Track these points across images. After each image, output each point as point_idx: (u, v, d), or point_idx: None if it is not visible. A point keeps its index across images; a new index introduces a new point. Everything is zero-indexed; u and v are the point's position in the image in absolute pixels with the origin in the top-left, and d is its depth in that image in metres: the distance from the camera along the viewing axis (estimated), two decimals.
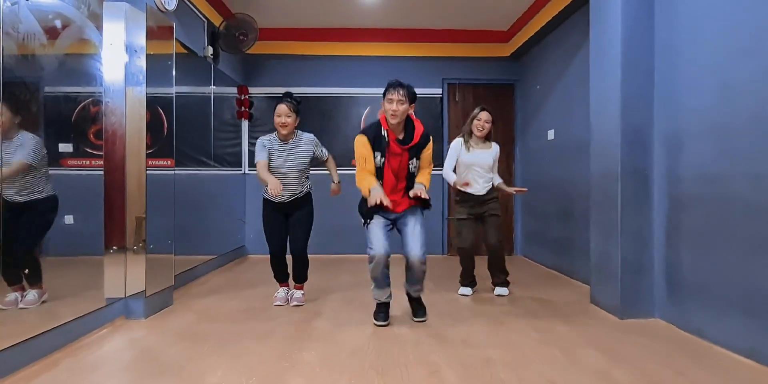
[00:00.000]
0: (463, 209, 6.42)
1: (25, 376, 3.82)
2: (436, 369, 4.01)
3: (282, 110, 5.64)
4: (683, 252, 5.04)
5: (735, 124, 4.36)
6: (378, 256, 4.95)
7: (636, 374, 3.89)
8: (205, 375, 3.87)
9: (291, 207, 5.88)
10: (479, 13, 9.12)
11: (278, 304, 5.94)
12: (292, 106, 5.70)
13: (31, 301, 4.36)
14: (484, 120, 6.28)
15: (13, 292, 4.06)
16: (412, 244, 5.08)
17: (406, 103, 4.88)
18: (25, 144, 4.24)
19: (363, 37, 10.17)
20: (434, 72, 10.26)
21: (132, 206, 5.30)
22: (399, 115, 4.86)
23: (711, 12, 4.69)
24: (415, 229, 5.12)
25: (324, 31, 10.09)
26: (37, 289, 4.36)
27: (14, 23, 3.87)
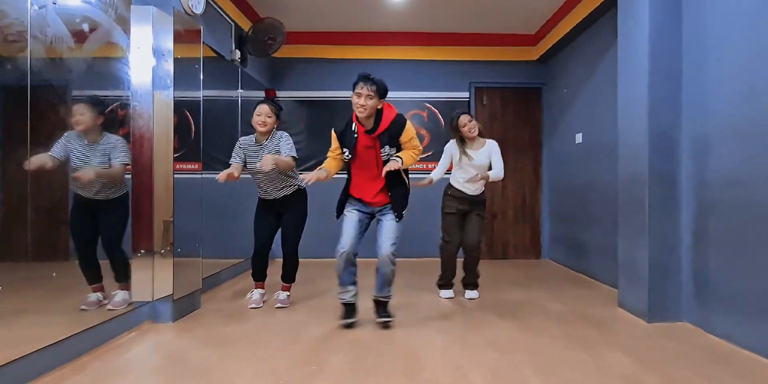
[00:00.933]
0: (451, 204, 6.42)
1: (52, 380, 3.84)
2: (463, 373, 3.98)
3: (263, 110, 5.71)
4: (711, 256, 5.00)
5: (762, 127, 4.32)
6: (345, 252, 4.97)
7: (665, 380, 3.84)
8: (233, 379, 3.87)
9: (282, 205, 5.92)
10: (506, 16, 9.08)
11: (253, 306, 5.96)
12: (275, 108, 5.78)
13: (119, 302, 4.45)
14: (468, 121, 6.26)
15: (93, 292, 4.11)
16: (383, 240, 5.06)
17: (375, 98, 4.82)
18: (117, 146, 4.36)
19: (390, 40, 10.17)
20: (461, 76, 10.22)
21: (159, 209, 5.31)
22: (367, 109, 4.82)
23: (737, 16, 4.66)
24: (390, 226, 5.09)
25: (351, 34, 10.11)
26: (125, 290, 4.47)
27: (42, 27, 3.89)
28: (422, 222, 8.52)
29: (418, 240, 8.92)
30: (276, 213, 5.96)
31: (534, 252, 10.32)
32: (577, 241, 8.68)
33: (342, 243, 5.00)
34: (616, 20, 6.25)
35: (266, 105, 5.73)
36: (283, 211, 5.95)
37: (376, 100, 4.82)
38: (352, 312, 5.21)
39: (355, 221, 5.09)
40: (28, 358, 3.75)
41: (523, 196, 10.30)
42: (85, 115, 4.05)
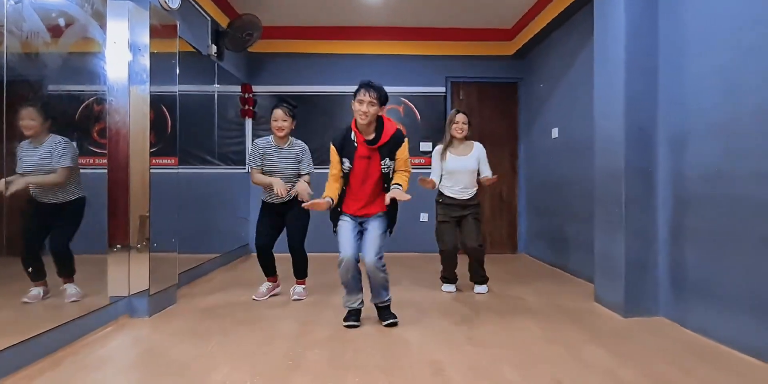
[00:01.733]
0: (444, 212, 6.44)
1: (29, 374, 3.82)
2: (440, 368, 4.00)
3: (278, 115, 5.79)
4: (688, 250, 5.04)
5: (740, 123, 4.36)
6: (346, 259, 4.91)
7: (642, 373, 3.88)
8: (210, 373, 3.86)
9: (286, 207, 5.98)
10: (483, 11, 9.11)
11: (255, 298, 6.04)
12: (288, 110, 5.83)
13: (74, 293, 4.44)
14: (462, 122, 6.31)
15: (36, 287, 4.09)
16: (367, 249, 4.97)
17: (376, 106, 4.81)
18: (57, 150, 4.30)
19: (366, 35, 10.17)
20: (438, 70, 10.26)
21: (136, 205, 5.31)
22: (369, 116, 4.79)
23: (716, 11, 4.68)
24: (374, 234, 5.02)
25: (327, 29, 10.09)
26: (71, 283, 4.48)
27: (18, 21, 3.87)
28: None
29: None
30: (280, 213, 6.03)
31: (510, 246, 10.37)
32: (553, 235, 8.74)
33: (342, 252, 4.94)
34: (592, 15, 6.27)
35: (280, 109, 5.83)
36: (286, 211, 6.01)
37: (377, 107, 4.81)
38: (358, 316, 5.17)
39: (350, 229, 5.03)
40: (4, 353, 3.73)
41: (500, 190, 10.33)
42: (34, 120, 4.02)
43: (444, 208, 6.44)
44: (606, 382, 3.73)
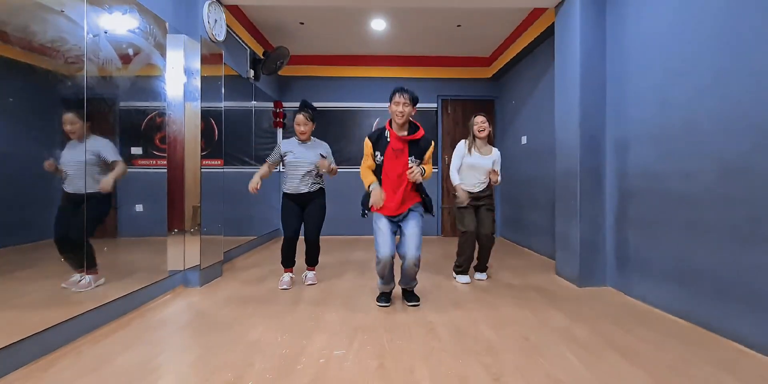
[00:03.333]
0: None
1: (103, 333, 3.87)
2: (432, 327, 4.04)
3: (300, 120, 5.52)
4: (629, 233, 5.07)
5: (671, 131, 4.41)
6: (385, 259, 4.61)
7: (592, 331, 3.92)
8: (248, 331, 3.91)
9: (306, 199, 5.66)
10: (466, 43, 9.13)
11: (284, 287, 5.56)
12: (309, 114, 5.58)
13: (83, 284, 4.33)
14: (481, 122, 6.00)
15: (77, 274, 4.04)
16: (409, 246, 4.60)
17: (410, 106, 4.65)
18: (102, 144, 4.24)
19: (373, 62, 10.21)
20: (431, 90, 10.26)
21: (189, 197, 5.34)
22: (405, 115, 4.62)
23: (651, 43, 4.71)
24: (414, 231, 4.65)
25: (342, 57, 10.14)
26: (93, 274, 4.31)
27: (95, 51, 3.90)
28: None
29: None
30: (300, 206, 5.72)
31: None
32: (523, 222, 8.73)
33: (382, 251, 4.60)
34: (553, 46, 6.29)
35: (301, 115, 5.53)
36: (306, 204, 5.71)
37: (410, 107, 4.66)
38: (389, 297, 4.97)
39: (388, 232, 4.69)
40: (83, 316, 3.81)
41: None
42: (75, 125, 3.96)
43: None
44: (563, 338, 3.76)
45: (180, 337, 3.84)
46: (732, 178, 3.74)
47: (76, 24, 3.71)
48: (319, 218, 5.72)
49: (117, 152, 4.38)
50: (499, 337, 3.81)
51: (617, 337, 3.81)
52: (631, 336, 3.83)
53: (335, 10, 7.50)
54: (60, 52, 3.53)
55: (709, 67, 3.99)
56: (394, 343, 3.67)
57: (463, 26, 8.17)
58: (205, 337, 3.82)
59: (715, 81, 3.91)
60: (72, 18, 3.65)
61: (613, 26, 5.46)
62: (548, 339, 3.76)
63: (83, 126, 3.93)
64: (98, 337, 3.79)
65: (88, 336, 3.80)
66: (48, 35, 3.42)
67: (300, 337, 3.78)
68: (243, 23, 7.61)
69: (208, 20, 5.65)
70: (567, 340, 3.74)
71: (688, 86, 4.21)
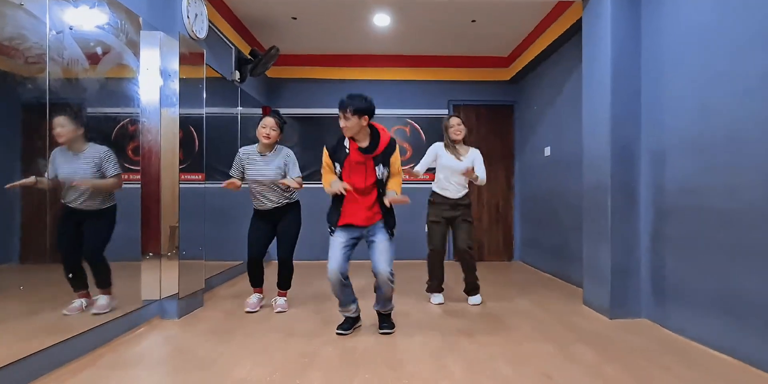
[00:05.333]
0: (436, 212, 6.23)
1: (70, 370, 3.86)
2: (443, 363, 4.03)
3: (269, 122, 5.63)
4: (667, 257, 5.05)
5: (713, 141, 4.40)
6: (331, 275, 4.76)
7: (624, 369, 3.90)
8: (233, 369, 3.90)
9: (276, 215, 5.77)
10: (481, 41, 9.19)
11: (249, 310, 5.74)
12: (279, 121, 5.70)
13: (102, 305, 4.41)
14: (457, 124, 6.15)
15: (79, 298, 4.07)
16: (379, 260, 4.79)
17: (351, 119, 4.69)
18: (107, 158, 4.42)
19: (375, 62, 10.25)
20: (440, 94, 10.30)
21: (166, 216, 5.35)
22: (349, 129, 4.73)
23: (691, 41, 4.73)
24: (382, 246, 4.82)
25: (339, 57, 10.18)
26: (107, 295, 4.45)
27: (59, 50, 3.93)
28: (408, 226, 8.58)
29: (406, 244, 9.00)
30: (271, 223, 5.83)
31: (506, 254, 10.35)
32: (545, 244, 8.72)
33: (330, 266, 4.79)
34: (580, 45, 6.34)
35: (272, 118, 5.67)
36: (278, 221, 5.81)
37: (355, 120, 4.70)
38: (350, 325, 5.04)
39: (341, 246, 4.83)
40: (47, 351, 3.78)
41: (497, 202, 10.36)
42: (65, 127, 3.99)
43: (435, 208, 6.26)
44: (591, 377, 3.74)
45: (156, 376, 3.82)
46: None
47: (38, 19, 3.73)
48: (291, 236, 5.84)
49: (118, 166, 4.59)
50: (517, 374, 3.79)
51: (653, 376, 3.79)
52: (669, 375, 3.81)
53: (332, 3, 7.53)
54: (19, 51, 3.54)
55: (755, 67, 3.99)
56: (399, 382, 3.66)
57: (479, 22, 8.21)
58: (185, 375, 3.81)
59: (763, 83, 3.91)
60: (33, 12, 3.68)
61: (648, 22, 5.48)
62: (574, 377, 3.75)
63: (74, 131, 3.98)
64: (63, 375, 3.78)
65: (52, 374, 3.78)
66: (5, 32, 3.43)
67: (293, 376, 3.76)
68: (227, 18, 7.65)
69: (188, 15, 5.70)
70: (595, 378, 3.73)
71: (733, 89, 4.21)
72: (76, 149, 4.13)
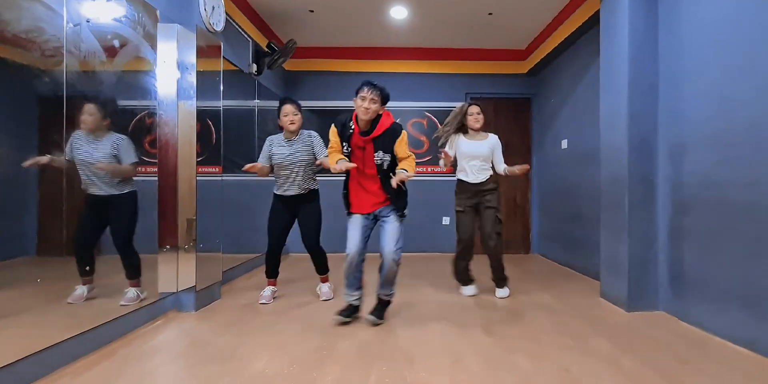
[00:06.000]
0: (460, 201, 6.16)
1: (85, 364, 3.87)
2: (459, 357, 4.01)
3: (289, 109, 5.69)
4: (685, 250, 5.03)
5: (733, 134, 4.37)
6: (351, 255, 4.83)
7: (642, 362, 3.88)
8: (251, 362, 3.90)
9: (298, 203, 5.80)
10: (499, 33, 9.13)
11: (263, 302, 5.79)
12: (297, 106, 5.74)
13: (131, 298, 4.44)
14: (476, 112, 6.13)
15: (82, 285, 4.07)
16: (387, 241, 4.86)
17: (378, 103, 4.70)
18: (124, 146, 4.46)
19: (392, 55, 10.21)
20: (458, 87, 10.24)
21: (184, 209, 5.36)
22: (370, 112, 4.68)
23: (710, 33, 4.69)
24: (392, 226, 4.90)
25: (357, 49, 10.15)
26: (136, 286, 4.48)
27: (76, 42, 3.93)
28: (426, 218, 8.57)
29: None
30: (291, 212, 5.84)
31: (524, 247, 10.33)
32: (563, 237, 8.71)
33: (348, 247, 4.86)
34: (598, 38, 6.29)
35: (289, 104, 5.72)
36: (298, 210, 5.83)
37: (378, 104, 4.71)
38: (350, 312, 5.05)
39: (360, 226, 4.91)
40: (62, 345, 3.79)
41: (515, 196, 10.31)
42: (93, 116, 4.01)
43: (458, 197, 6.19)
44: (609, 370, 3.72)
45: (173, 369, 3.83)
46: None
47: (55, 12, 3.73)
48: (315, 223, 5.88)
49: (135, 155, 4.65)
50: (535, 368, 3.77)
51: (671, 369, 3.76)
52: (687, 368, 3.78)
53: None
54: (36, 44, 3.55)
55: None
56: (416, 375, 3.65)
57: (496, 14, 8.16)
58: (202, 368, 3.81)
59: None
60: (50, 5, 3.68)
61: (666, 14, 5.42)
62: (592, 371, 3.72)
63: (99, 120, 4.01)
64: (79, 368, 3.79)
65: (68, 368, 3.79)
66: (23, 24, 3.44)
67: (310, 369, 3.76)
68: (244, 11, 7.64)
69: (205, 7, 5.68)
70: (613, 372, 3.70)
71: (754, 82, 4.17)
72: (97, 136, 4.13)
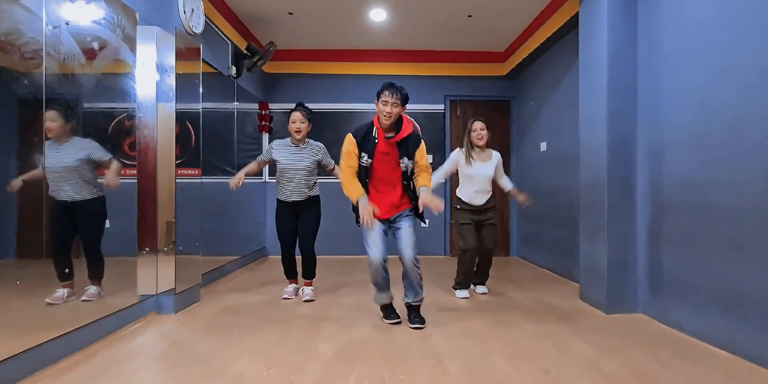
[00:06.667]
0: (465, 214, 6.21)
1: (66, 366, 3.85)
2: (440, 359, 4.02)
3: (297, 117, 5.75)
4: (665, 253, 5.06)
5: (713, 136, 4.39)
6: (376, 262, 4.81)
7: (622, 365, 3.89)
8: (231, 364, 3.88)
9: (300, 208, 5.90)
10: (478, 35, 9.18)
11: (286, 297, 6.01)
12: (306, 113, 5.78)
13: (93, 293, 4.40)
14: (480, 128, 6.21)
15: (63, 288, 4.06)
16: (405, 246, 4.91)
17: (399, 106, 4.74)
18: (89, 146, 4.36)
19: (371, 57, 10.25)
20: (437, 89, 10.29)
21: (163, 211, 5.34)
22: (392, 116, 4.72)
23: (691, 35, 4.72)
24: (408, 231, 4.94)
25: (336, 52, 10.18)
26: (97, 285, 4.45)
27: (56, 45, 3.90)
28: None
29: None
30: (294, 215, 5.95)
31: (504, 250, 10.37)
32: (542, 240, 8.75)
33: (373, 254, 4.82)
34: (577, 40, 6.33)
35: (298, 112, 5.79)
36: (299, 213, 5.94)
37: (400, 108, 4.74)
38: (394, 311, 5.11)
39: (380, 231, 4.89)
40: (43, 346, 3.76)
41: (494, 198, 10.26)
42: (56, 122, 4.00)
43: (462, 213, 6.24)
44: (589, 373, 3.73)
45: (152, 371, 3.82)
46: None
47: (34, 14, 3.71)
48: (313, 229, 5.96)
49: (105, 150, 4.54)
50: (515, 370, 3.78)
51: (651, 371, 3.79)
52: (666, 370, 3.81)
53: None
54: (15, 46, 3.53)
55: (756, 62, 3.98)
56: (396, 377, 3.65)
57: (475, 16, 8.20)
58: (181, 370, 3.79)
59: (764, 79, 3.89)
60: (29, 7, 3.66)
61: (646, 16, 5.46)
62: (572, 373, 3.74)
63: (63, 125, 3.97)
64: (60, 370, 3.77)
65: (49, 369, 3.77)
66: (1, 27, 3.42)
67: (289, 371, 3.75)
68: (224, 13, 7.63)
69: (184, 10, 5.67)
70: (593, 374, 3.72)
71: (733, 85, 4.20)
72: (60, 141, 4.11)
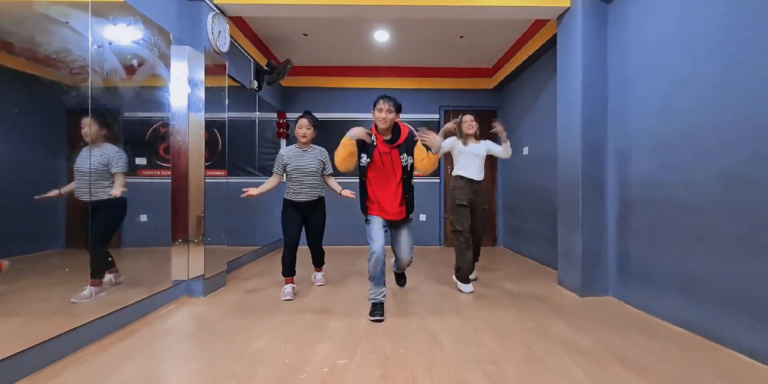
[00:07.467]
0: (461, 195, 6.03)
1: (110, 342, 3.88)
2: (435, 336, 4.03)
3: (303, 123, 5.60)
4: (631, 243, 5.05)
5: (672, 140, 4.41)
6: (378, 253, 4.66)
7: (595, 341, 3.90)
8: (252, 341, 3.90)
9: (307, 208, 5.71)
10: (469, 53, 9.14)
11: (288, 298, 5.51)
12: (311, 120, 5.67)
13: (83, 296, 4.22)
14: (470, 120, 6.18)
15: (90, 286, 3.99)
16: (404, 250, 4.96)
17: (393, 113, 4.71)
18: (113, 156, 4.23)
19: (375, 73, 10.23)
20: (432, 101, 10.26)
21: (193, 207, 5.34)
22: (388, 121, 4.69)
23: (653, 52, 4.73)
24: (407, 238, 4.95)
25: (345, 68, 10.16)
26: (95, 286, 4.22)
27: (100, 62, 3.91)
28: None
29: None
30: (302, 214, 5.75)
31: (491, 240, 10.32)
32: (524, 231, 8.70)
33: (374, 248, 4.69)
34: (555, 57, 6.32)
35: (305, 118, 5.65)
36: (307, 214, 5.76)
37: (394, 114, 4.72)
38: (383, 310, 4.84)
39: (381, 227, 4.79)
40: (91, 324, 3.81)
41: None
42: (91, 127, 3.97)
43: (460, 191, 6.04)
44: (566, 348, 3.75)
45: (184, 347, 3.83)
46: (735, 187, 3.73)
47: (81, 35, 3.72)
48: (321, 228, 5.88)
49: (125, 164, 4.36)
50: (501, 346, 3.79)
51: (620, 347, 3.80)
52: (633, 346, 3.82)
53: (338, 22, 7.53)
54: (65, 63, 3.54)
55: (709, 76, 4.01)
56: (396, 352, 3.67)
57: (466, 37, 8.20)
58: (209, 346, 3.81)
59: (716, 90, 3.92)
60: (77, 29, 3.67)
61: (614, 37, 5.47)
62: (551, 349, 3.75)
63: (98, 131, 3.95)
64: (102, 346, 3.79)
65: (92, 346, 3.80)
66: (53, 46, 3.43)
67: (303, 347, 3.77)
68: (246, 34, 7.62)
69: (212, 31, 5.67)
70: (570, 349, 3.73)
71: (690, 95, 4.23)
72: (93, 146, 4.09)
